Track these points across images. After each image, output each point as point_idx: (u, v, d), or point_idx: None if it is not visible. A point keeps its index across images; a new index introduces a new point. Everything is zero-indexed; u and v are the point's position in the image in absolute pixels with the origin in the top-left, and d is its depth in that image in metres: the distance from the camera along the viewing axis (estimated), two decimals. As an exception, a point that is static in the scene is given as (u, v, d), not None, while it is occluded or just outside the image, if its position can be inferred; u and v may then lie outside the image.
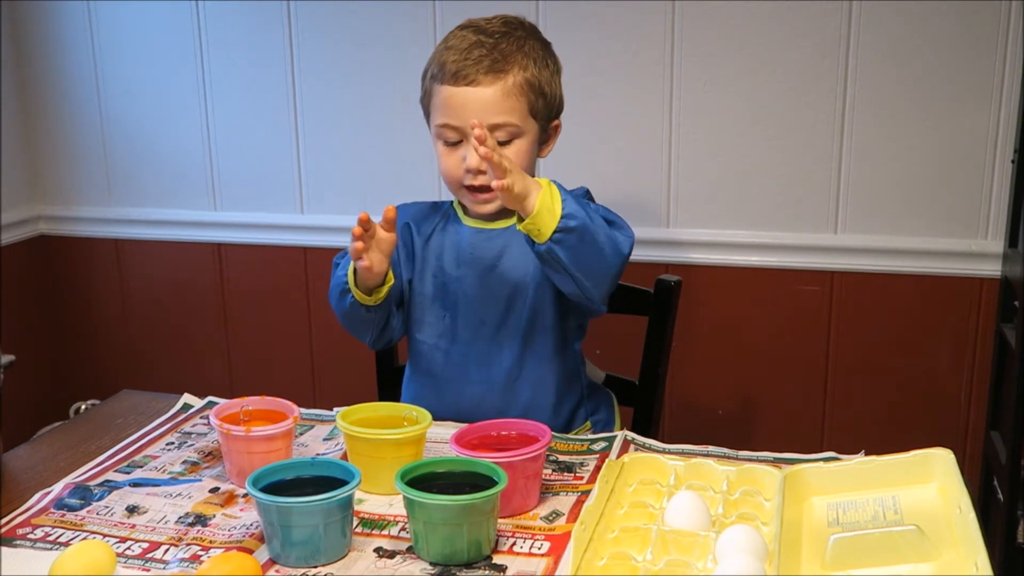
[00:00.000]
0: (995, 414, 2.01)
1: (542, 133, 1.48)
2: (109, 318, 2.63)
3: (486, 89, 1.40)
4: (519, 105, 1.42)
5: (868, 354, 2.11)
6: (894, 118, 2.00)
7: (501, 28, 1.44)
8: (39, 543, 1.12)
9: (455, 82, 1.40)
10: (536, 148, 1.47)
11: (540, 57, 1.45)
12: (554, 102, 1.48)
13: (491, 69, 1.40)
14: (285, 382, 2.49)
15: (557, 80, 1.48)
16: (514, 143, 1.43)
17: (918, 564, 0.99)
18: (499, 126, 1.41)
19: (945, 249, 2.03)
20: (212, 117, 2.41)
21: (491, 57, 1.41)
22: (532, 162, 1.47)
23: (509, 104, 1.41)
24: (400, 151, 2.26)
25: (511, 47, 1.42)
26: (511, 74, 1.41)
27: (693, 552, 1.04)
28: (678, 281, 1.65)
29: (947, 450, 1.13)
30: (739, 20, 2.03)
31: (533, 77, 1.43)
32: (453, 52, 1.42)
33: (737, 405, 2.21)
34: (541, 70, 1.44)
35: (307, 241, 2.40)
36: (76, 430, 1.46)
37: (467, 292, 1.49)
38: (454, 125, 1.42)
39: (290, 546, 1.06)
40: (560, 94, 1.50)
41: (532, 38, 1.47)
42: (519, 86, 1.41)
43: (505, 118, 1.41)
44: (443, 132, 1.44)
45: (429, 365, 1.53)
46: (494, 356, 1.50)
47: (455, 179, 1.45)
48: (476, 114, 1.38)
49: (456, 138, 1.43)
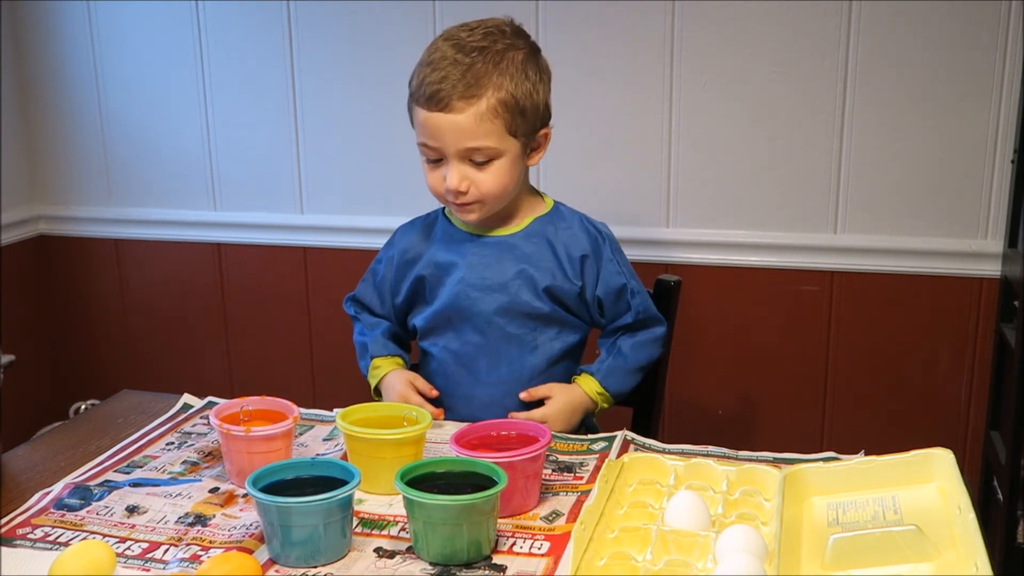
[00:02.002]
0: (995, 414, 2.01)
1: (526, 146, 1.45)
2: (109, 318, 2.63)
3: (459, 116, 1.38)
4: (495, 127, 1.40)
5: (868, 354, 2.11)
6: (894, 118, 2.00)
7: (481, 42, 1.41)
8: (39, 543, 1.12)
9: (429, 106, 1.39)
10: (520, 162, 1.46)
11: (519, 71, 1.41)
12: (537, 114, 1.44)
13: (464, 94, 1.38)
14: (285, 382, 2.49)
15: (541, 89, 1.45)
16: (493, 164, 1.42)
17: (918, 564, 0.99)
18: (475, 150, 1.40)
19: (945, 249, 2.03)
20: (212, 117, 2.41)
21: (464, 81, 1.38)
22: (517, 177, 1.46)
23: (484, 128, 1.39)
24: (400, 151, 2.26)
25: (487, 66, 1.39)
26: (484, 98, 1.38)
27: (693, 552, 1.04)
28: (678, 281, 1.65)
29: (947, 450, 1.13)
30: (739, 20, 2.03)
31: (508, 96, 1.40)
32: (430, 70, 1.40)
33: (737, 405, 2.21)
34: (519, 85, 1.41)
35: (307, 241, 2.40)
36: (76, 430, 1.46)
37: (471, 295, 1.49)
38: (432, 146, 1.42)
39: (290, 546, 1.06)
40: (545, 103, 1.46)
41: (514, 48, 1.42)
42: (493, 109, 1.39)
43: (480, 142, 1.40)
44: (423, 150, 1.44)
45: (439, 368, 1.54)
46: (504, 358, 1.50)
47: (438, 193, 1.46)
48: (451, 139, 1.39)
49: (436, 156, 1.43)
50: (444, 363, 1.53)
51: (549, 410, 1.47)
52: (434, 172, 1.45)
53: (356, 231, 2.33)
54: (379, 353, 1.55)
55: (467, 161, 1.42)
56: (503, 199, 1.47)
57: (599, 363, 1.54)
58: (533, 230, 1.50)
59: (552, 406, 1.48)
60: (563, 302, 1.50)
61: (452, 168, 1.42)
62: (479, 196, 1.43)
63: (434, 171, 1.44)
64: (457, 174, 1.41)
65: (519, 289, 1.48)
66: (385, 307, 1.58)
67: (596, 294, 1.51)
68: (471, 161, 1.42)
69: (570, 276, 1.49)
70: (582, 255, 1.49)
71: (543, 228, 1.51)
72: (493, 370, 1.50)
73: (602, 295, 1.51)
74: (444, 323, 1.52)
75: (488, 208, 1.46)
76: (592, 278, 1.51)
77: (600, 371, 1.53)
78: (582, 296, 1.51)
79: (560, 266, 1.49)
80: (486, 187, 1.43)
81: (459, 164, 1.41)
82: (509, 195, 1.47)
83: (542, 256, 1.49)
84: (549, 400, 1.48)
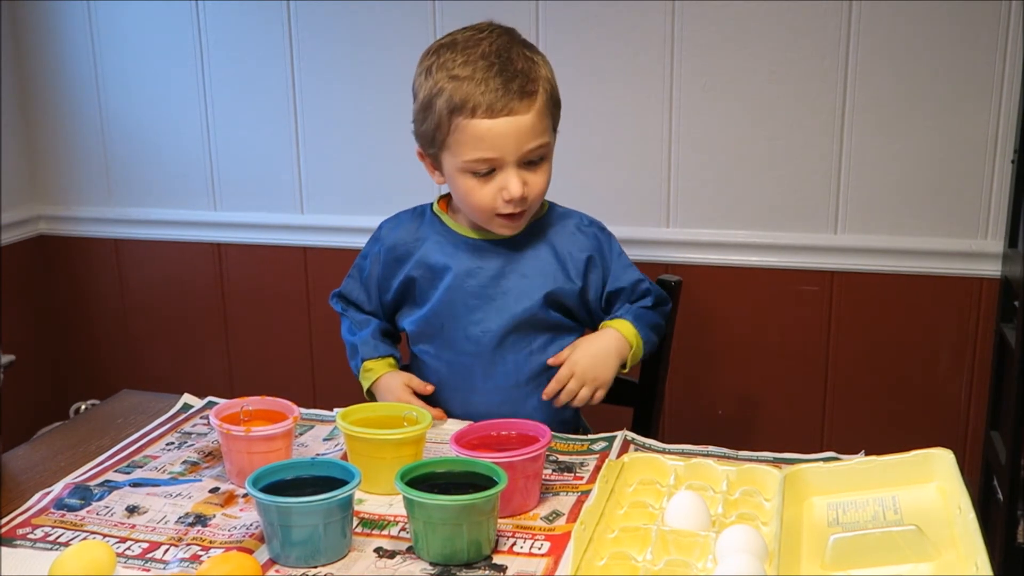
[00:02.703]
0: (995, 414, 2.01)
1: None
2: (109, 318, 2.63)
3: (523, 116, 1.34)
4: (548, 122, 1.38)
5: (868, 354, 2.11)
6: (894, 118, 2.00)
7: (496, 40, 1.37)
8: (39, 543, 1.12)
9: (491, 115, 1.33)
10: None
11: (545, 59, 1.41)
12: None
13: (523, 92, 1.34)
14: (285, 382, 2.49)
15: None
16: (543, 163, 1.39)
17: (918, 564, 0.99)
18: (535, 149, 1.36)
19: (945, 249, 2.03)
20: (212, 117, 2.41)
21: (518, 81, 1.34)
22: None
23: (543, 124, 1.36)
24: (400, 151, 2.25)
25: (527, 63, 1.36)
26: (539, 91, 1.36)
27: (693, 552, 1.04)
28: (678, 281, 1.65)
29: (947, 450, 1.13)
30: (739, 20, 2.03)
31: (552, 86, 1.38)
32: (470, 83, 1.34)
33: (737, 405, 2.21)
34: (551, 74, 1.39)
35: (307, 241, 2.40)
36: (76, 430, 1.46)
37: (468, 303, 1.46)
38: (490, 158, 1.36)
39: (290, 546, 1.06)
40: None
41: (519, 41, 1.40)
42: (546, 102, 1.36)
43: (541, 139, 1.37)
44: (475, 166, 1.37)
45: (432, 376, 1.51)
46: (499, 365, 1.47)
47: (490, 209, 1.39)
48: (514, 143, 1.34)
49: (489, 168, 1.37)
50: (437, 371, 1.50)
51: (572, 354, 1.42)
52: (486, 186, 1.37)
53: (356, 231, 2.33)
54: (370, 356, 1.52)
55: (523, 165, 1.37)
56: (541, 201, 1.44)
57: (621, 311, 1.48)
58: (531, 232, 1.47)
59: (575, 350, 1.42)
60: (563, 305, 1.47)
61: (512, 175, 1.36)
62: (531, 201, 1.39)
63: (486, 185, 1.37)
64: (519, 179, 1.36)
65: (516, 298, 1.45)
66: (372, 304, 1.55)
67: (607, 291, 1.48)
68: (527, 164, 1.37)
69: (572, 276, 1.47)
70: (587, 256, 1.47)
71: (541, 229, 1.48)
72: (488, 378, 1.48)
73: (613, 291, 1.48)
74: (436, 331, 1.49)
75: (530, 215, 1.43)
76: (598, 278, 1.48)
77: (629, 312, 1.46)
78: (583, 296, 1.48)
79: (562, 268, 1.46)
80: (538, 188, 1.39)
81: (519, 170, 1.36)
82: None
83: (540, 259, 1.46)
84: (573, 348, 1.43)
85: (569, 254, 1.47)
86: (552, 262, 1.47)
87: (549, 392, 1.44)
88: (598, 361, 1.43)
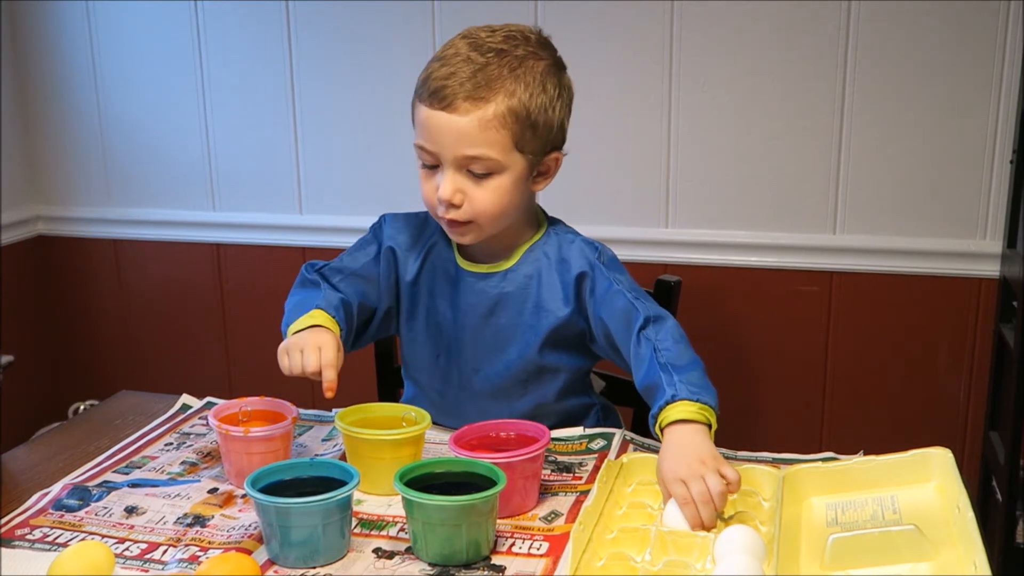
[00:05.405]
0: (994, 414, 2.01)
1: (533, 167, 1.32)
2: (108, 318, 2.63)
3: (462, 117, 1.25)
4: (499, 138, 1.26)
5: (867, 354, 2.11)
6: (893, 118, 2.00)
7: (500, 44, 1.28)
8: (37, 544, 1.12)
9: (431, 103, 1.27)
10: (523, 184, 1.32)
11: (536, 81, 1.28)
12: (550, 133, 1.31)
13: (471, 95, 1.25)
14: (284, 382, 2.46)
15: (559, 107, 1.31)
16: (492, 179, 1.28)
17: (917, 564, 0.99)
18: (474, 159, 1.27)
19: (944, 249, 2.03)
20: (211, 117, 2.41)
21: (474, 80, 1.25)
22: (518, 199, 1.32)
23: (488, 136, 1.26)
24: (399, 151, 2.26)
25: (502, 69, 1.26)
26: (493, 102, 1.25)
27: (692, 552, 1.04)
28: (678, 281, 1.65)
29: (946, 450, 1.13)
30: (738, 20, 2.03)
31: (521, 105, 1.26)
32: (439, 65, 1.28)
33: (736, 405, 2.21)
34: (534, 96, 1.27)
35: (306, 241, 2.40)
36: (75, 431, 1.46)
37: (461, 338, 1.40)
38: (429, 149, 1.29)
39: (289, 547, 1.06)
40: (560, 123, 1.33)
41: (535, 57, 1.30)
42: (501, 116, 1.26)
43: (480, 150, 1.26)
44: (420, 153, 1.31)
45: (426, 405, 1.39)
46: (492, 403, 1.40)
47: (431, 205, 1.33)
48: (449, 142, 1.26)
49: (432, 162, 1.30)
50: (431, 402, 1.43)
51: (664, 477, 1.14)
52: (429, 180, 1.31)
53: (356, 231, 2.30)
54: (328, 312, 1.35)
55: (464, 171, 1.28)
56: (499, 222, 1.32)
57: (661, 390, 1.25)
58: (525, 262, 1.38)
59: (661, 469, 1.16)
60: (563, 341, 1.38)
61: (447, 176, 1.28)
62: (472, 214, 1.29)
63: (429, 179, 1.31)
64: (451, 184, 1.28)
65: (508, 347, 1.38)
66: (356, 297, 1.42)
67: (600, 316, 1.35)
68: (469, 172, 1.28)
69: (569, 300, 1.36)
70: (578, 274, 1.36)
71: (536, 258, 1.38)
72: (482, 415, 1.33)
73: (606, 317, 1.34)
74: (430, 363, 1.43)
75: (483, 232, 1.32)
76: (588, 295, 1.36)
77: (671, 386, 1.24)
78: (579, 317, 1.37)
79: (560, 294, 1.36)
80: (481, 204, 1.29)
81: (455, 173, 1.28)
82: (507, 219, 1.33)
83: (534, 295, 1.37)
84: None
85: (562, 280, 1.37)
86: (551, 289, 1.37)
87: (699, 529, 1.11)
88: (685, 461, 1.13)
